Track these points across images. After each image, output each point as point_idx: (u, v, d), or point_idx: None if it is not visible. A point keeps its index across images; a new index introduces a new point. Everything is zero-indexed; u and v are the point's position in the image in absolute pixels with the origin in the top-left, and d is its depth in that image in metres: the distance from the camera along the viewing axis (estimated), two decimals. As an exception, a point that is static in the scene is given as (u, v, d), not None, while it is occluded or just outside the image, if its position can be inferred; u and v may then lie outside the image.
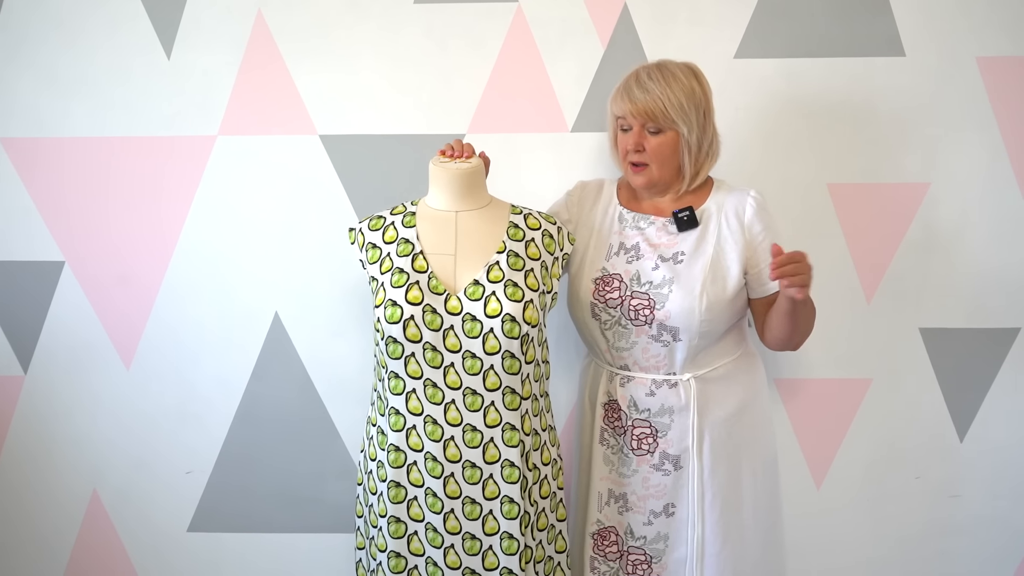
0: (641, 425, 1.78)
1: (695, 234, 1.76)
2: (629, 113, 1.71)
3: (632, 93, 1.71)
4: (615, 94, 1.76)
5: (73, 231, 2.16)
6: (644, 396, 1.78)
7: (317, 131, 2.11)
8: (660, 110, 1.69)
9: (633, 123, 1.72)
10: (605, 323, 1.78)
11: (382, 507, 1.66)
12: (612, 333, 1.78)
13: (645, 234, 1.78)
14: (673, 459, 1.78)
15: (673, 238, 1.76)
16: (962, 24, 2.03)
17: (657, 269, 1.74)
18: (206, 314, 2.18)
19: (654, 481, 1.79)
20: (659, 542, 1.81)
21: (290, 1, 2.07)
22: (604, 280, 1.77)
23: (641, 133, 1.72)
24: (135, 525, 2.27)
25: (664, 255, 1.75)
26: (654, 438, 1.78)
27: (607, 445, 1.83)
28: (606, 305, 1.76)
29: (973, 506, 2.20)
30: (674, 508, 1.80)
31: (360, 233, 1.72)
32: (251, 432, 2.23)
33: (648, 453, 1.79)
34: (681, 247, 1.75)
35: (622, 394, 1.79)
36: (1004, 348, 2.14)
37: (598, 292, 1.77)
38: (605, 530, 1.85)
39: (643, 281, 1.74)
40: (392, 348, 1.58)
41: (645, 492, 1.80)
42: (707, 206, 1.79)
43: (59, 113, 2.12)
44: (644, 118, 1.71)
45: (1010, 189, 2.08)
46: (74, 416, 2.23)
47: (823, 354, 2.15)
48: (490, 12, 2.06)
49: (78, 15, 2.08)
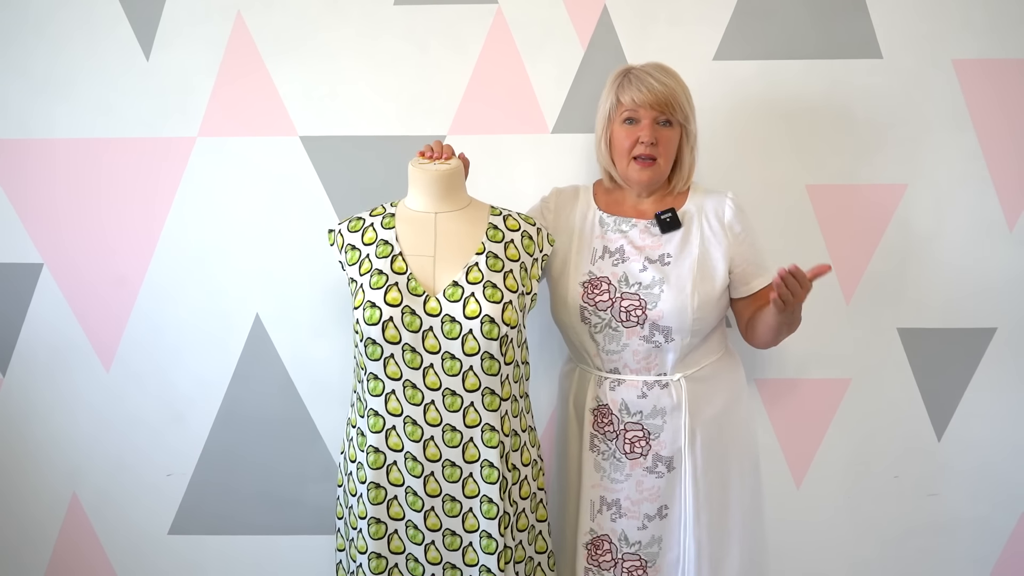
0: (633, 428, 1.78)
1: (679, 235, 1.77)
2: (646, 104, 1.71)
3: (649, 83, 1.71)
4: (619, 86, 1.75)
5: (52, 233, 2.15)
6: (636, 399, 1.78)
7: (297, 132, 2.11)
8: (677, 101, 1.71)
9: (645, 115, 1.72)
10: (595, 326, 1.77)
11: (362, 509, 1.66)
12: (603, 336, 1.77)
13: (628, 237, 1.78)
14: (666, 461, 1.78)
15: (657, 240, 1.77)
16: (939, 27, 2.05)
17: (645, 271, 1.74)
18: (187, 315, 2.17)
19: (648, 484, 1.79)
20: (653, 545, 1.81)
21: (270, 2, 2.07)
22: (592, 283, 1.77)
23: (653, 125, 1.72)
24: (115, 528, 2.26)
25: (651, 257, 1.76)
26: (647, 440, 1.78)
27: (597, 451, 1.82)
28: (596, 308, 1.76)
29: (951, 505, 2.22)
30: (667, 510, 1.80)
31: (339, 234, 1.72)
32: (232, 434, 2.22)
33: (641, 456, 1.79)
34: (667, 248, 1.76)
35: (613, 398, 1.79)
36: (981, 347, 2.16)
37: (587, 295, 1.76)
38: (598, 539, 1.84)
39: (632, 282, 1.75)
40: (371, 350, 1.59)
41: (639, 496, 1.80)
42: (687, 208, 1.80)
43: (37, 115, 2.11)
44: (660, 108, 1.71)
45: (986, 190, 2.10)
46: (53, 418, 2.22)
47: (802, 354, 2.16)
48: (470, 14, 2.06)
49: (56, 16, 2.07)
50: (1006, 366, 2.16)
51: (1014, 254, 2.12)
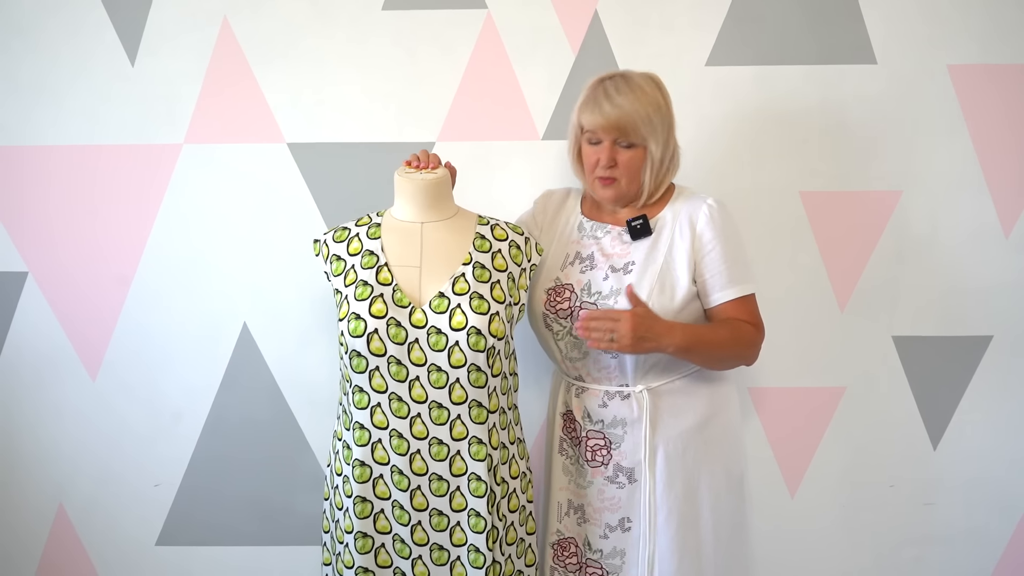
0: (595, 436, 1.76)
1: (647, 243, 1.72)
2: (601, 127, 1.66)
3: (603, 107, 1.65)
4: (582, 105, 1.70)
5: (37, 241, 2.13)
6: (597, 407, 1.75)
7: (285, 139, 2.09)
8: (632, 125, 1.65)
9: (604, 137, 1.67)
10: (557, 333, 1.76)
11: (348, 523, 1.63)
12: (564, 343, 1.76)
13: (600, 244, 1.76)
14: (627, 472, 1.74)
15: (627, 247, 1.73)
16: (933, 32, 2.03)
17: (607, 279, 1.71)
18: (173, 324, 2.15)
19: (609, 494, 1.76)
20: (615, 557, 1.78)
21: (257, 8, 2.05)
22: (556, 290, 1.75)
23: (613, 147, 1.68)
24: (102, 540, 2.24)
25: (615, 265, 1.72)
26: (608, 450, 1.75)
27: (566, 455, 1.82)
28: (556, 316, 1.75)
29: (947, 514, 2.20)
30: (630, 523, 1.76)
31: (324, 245, 1.70)
32: (220, 444, 2.20)
33: (602, 465, 1.75)
34: (633, 256, 1.72)
35: (577, 404, 1.77)
36: (977, 355, 2.14)
37: (549, 302, 1.75)
38: (565, 540, 1.83)
39: (593, 291, 1.72)
40: (356, 362, 1.56)
41: (601, 505, 1.77)
42: (663, 214, 1.74)
43: (21, 121, 2.09)
44: (616, 133, 1.66)
45: (981, 196, 2.08)
46: (39, 429, 2.19)
47: (797, 362, 2.14)
48: (459, 19, 2.04)
49: (40, 21, 2.05)
50: (1002, 374, 2.14)
51: (1010, 261, 2.10)
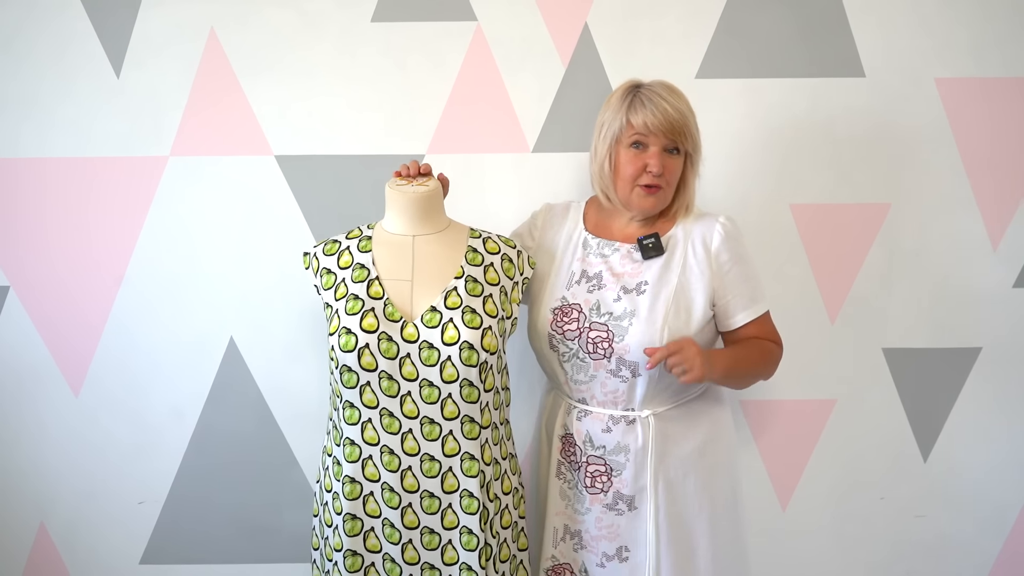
0: (596, 462, 1.70)
1: (660, 263, 1.67)
2: (658, 129, 1.59)
3: (660, 106, 1.58)
4: (630, 105, 1.62)
5: (19, 255, 2.10)
6: (600, 432, 1.69)
7: (272, 151, 2.06)
8: (688, 128, 1.61)
9: (654, 141, 1.61)
10: (563, 355, 1.70)
11: (337, 541, 1.61)
12: (570, 366, 1.70)
13: (609, 262, 1.70)
14: (627, 499, 1.69)
15: (638, 267, 1.68)
16: (921, 45, 2.04)
17: (619, 300, 1.66)
18: (158, 339, 2.12)
19: (607, 521, 1.70)
20: None
21: (244, 19, 2.03)
22: (563, 310, 1.69)
23: (662, 152, 1.62)
24: (85, 559, 2.20)
25: (627, 285, 1.66)
26: (608, 476, 1.69)
27: (564, 479, 1.76)
28: (564, 337, 1.69)
29: (938, 526, 2.20)
30: (628, 552, 1.70)
31: (314, 258, 1.68)
32: (206, 461, 2.16)
33: (602, 492, 1.70)
34: (645, 276, 1.66)
35: (578, 428, 1.71)
36: (967, 367, 2.14)
37: (556, 323, 1.69)
38: (560, 567, 1.78)
39: (603, 312, 1.66)
40: (347, 377, 1.54)
41: (598, 532, 1.71)
42: (674, 232, 1.70)
43: (6, 133, 2.05)
44: (673, 135, 1.60)
45: (969, 209, 2.08)
46: (20, 445, 2.15)
47: (787, 375, 2.11)
48: (449, 31, 2.03)
49: (24, 33, 2.02)
50: (992, 385, 2.14)
51: (998, 273, 2.11)
